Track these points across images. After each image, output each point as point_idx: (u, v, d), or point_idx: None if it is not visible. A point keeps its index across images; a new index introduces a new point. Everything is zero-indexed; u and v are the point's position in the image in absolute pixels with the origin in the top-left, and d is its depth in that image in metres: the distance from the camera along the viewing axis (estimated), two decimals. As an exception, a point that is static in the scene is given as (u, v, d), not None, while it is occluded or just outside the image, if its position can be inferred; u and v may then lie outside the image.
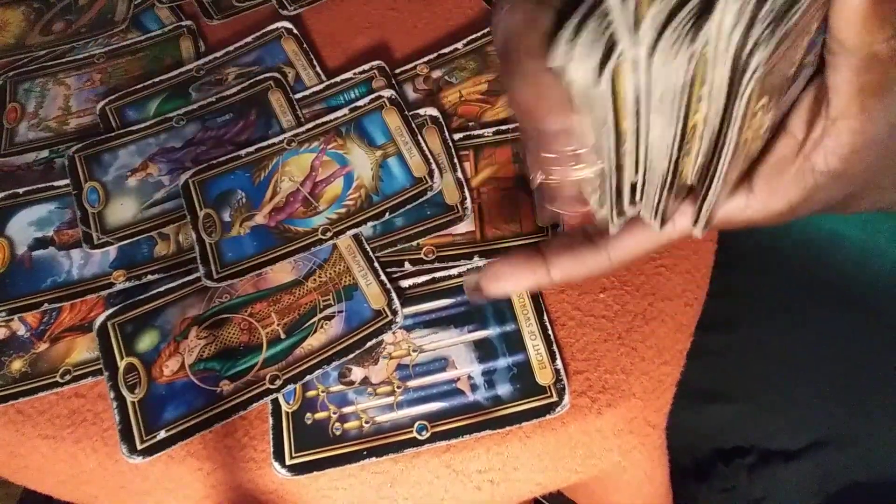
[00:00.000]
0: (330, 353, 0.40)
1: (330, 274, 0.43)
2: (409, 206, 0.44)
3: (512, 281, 0.29)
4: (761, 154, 0.26)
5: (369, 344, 0.40)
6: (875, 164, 0.24)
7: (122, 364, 0.40)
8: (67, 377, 0.41)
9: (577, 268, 0.29)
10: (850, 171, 0.24)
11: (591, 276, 0.29)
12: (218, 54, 0.53)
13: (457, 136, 0.47)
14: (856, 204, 0.27)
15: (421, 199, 0.44)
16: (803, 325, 0.48)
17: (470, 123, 0.48)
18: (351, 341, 0.40)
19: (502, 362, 0.40)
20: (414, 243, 0.44)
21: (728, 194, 0.26)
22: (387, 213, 0.44)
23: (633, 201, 0.25)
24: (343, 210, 0.44)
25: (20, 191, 0.47)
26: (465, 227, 0.44)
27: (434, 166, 0.45)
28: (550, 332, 0.40)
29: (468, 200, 0.45)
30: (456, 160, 0.46)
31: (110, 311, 0.42)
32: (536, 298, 0.41)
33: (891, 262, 0.47)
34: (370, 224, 0.44)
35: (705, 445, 0.48)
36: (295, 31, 0.54)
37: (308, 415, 0.39)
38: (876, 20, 0.21)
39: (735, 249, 0.44)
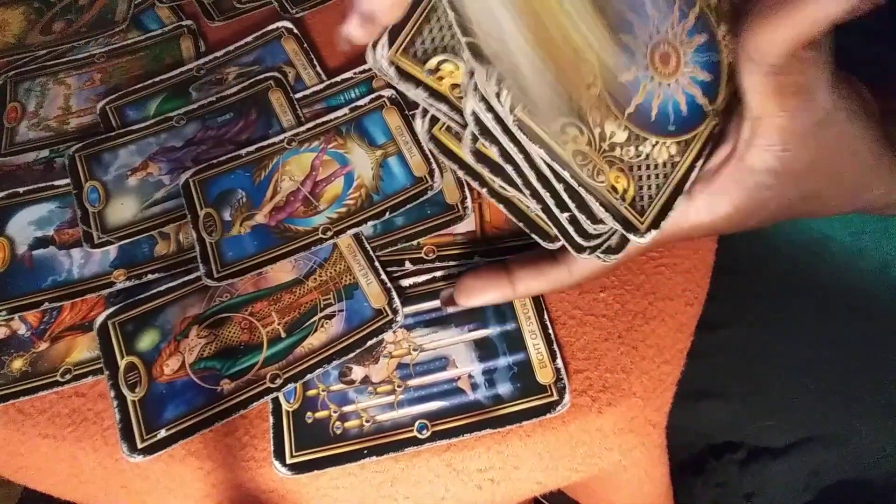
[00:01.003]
0: (330, 352, 0.40)
1: (330, 273, 0.43)
2: (409, 206, 0.44)
3: (480, 294, 0.32)
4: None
5: (370, 343, 0.40)
6: (820, 161, 0.24)
7: (122, 363, 0.40)
8: (68, 376, 0.41)
9: (539, 283, 0.31)
10: (789, 168, 0.24)
11: (553, 290, 0.33)
12: (218, 54, 0.53)
13: (457, 136, 0.47)
14: (824, 206, 0.27)
15: (421, 199, 0.44)
16: (793, 325, 0.48)
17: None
18: (351, 340, 0.40)
19: (503, 361, 0.40)
20: (414, 242, 0.44)
21: None
22: (387, 213, 0.44)
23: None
24: (343, 209, 0.44)
25: (20, 190, 0.47)
26: (466, 226, 0.44)
27: (434, 166, 0.45)
28: (551, 331, 0.40)
29: (468, 200, 0.45)
30: (456, 159, 0.46)
31: (111, 310, 0.42)
32: (537, 298, 0.41)
33: (876, 262, 0.48)
34: (370, 223, 0.44)
35: (700, 441, 0.48)
36: (295, 30, 0.54)
37: (308, 414, 0.39)
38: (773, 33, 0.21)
39: (727, 251, 0.44)
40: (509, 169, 0.25)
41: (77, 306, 0.43)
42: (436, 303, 0.42)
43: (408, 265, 0.43)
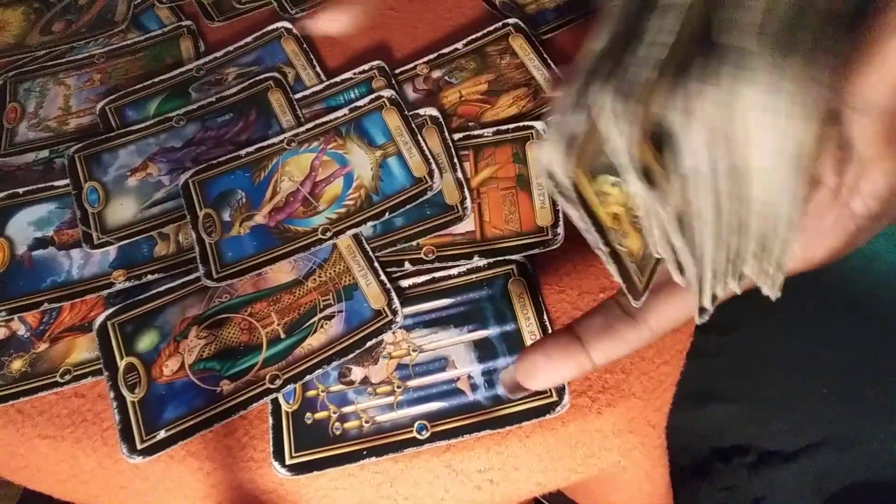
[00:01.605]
0: (330, 352, 0.40)
1: (330, 274, 0.43)
2: (408, 206, 0.44)
3: (550, 373, 0.27)
4: None
5: (369, 344, 0.40)
6: None
7: (121, 364, 0.40)
8: (67, 377, 0.41)
9: (618, 347, 0.27)
10: (891, 209, 0.23)
11: (632, 353, 0.28)
12: (218, 54, 0.53)
13: (457, 136, 0.47)
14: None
15: (421, 199, 0.44)
16: (801, 326, 0.48)
17: (470, 123, 0.48)
18: (351, 341, 0.40)
19: (502, 362, 0.40)
20: (414, 243, 0.44)
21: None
22: (387, 213, 0.44)
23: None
24: (343, 210, 0.44)
25: (20, 191, 0.47)
26: (465, 226, 0.44)
27: (434, 166, 0.45)
28: (550, 331, 0.40)
29: (468, 200, 0.45)
30: (456, 160, 0.46)
31: (110, 310, 0.42)
32: (536, 298, 0.41)
33: (888, 265, 0.47)
34: (370, 224, 0.44)
35: (704, 445, 0.48)
36: (295, 31, 0.54)
37: (308, 414, 0.39)
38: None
39: None
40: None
41: (76, 307, 0.43)
42: (435, 303, 0.42)
43: (407, 266, 0.43)
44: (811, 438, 0.45)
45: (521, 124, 0.47)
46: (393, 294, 0.41)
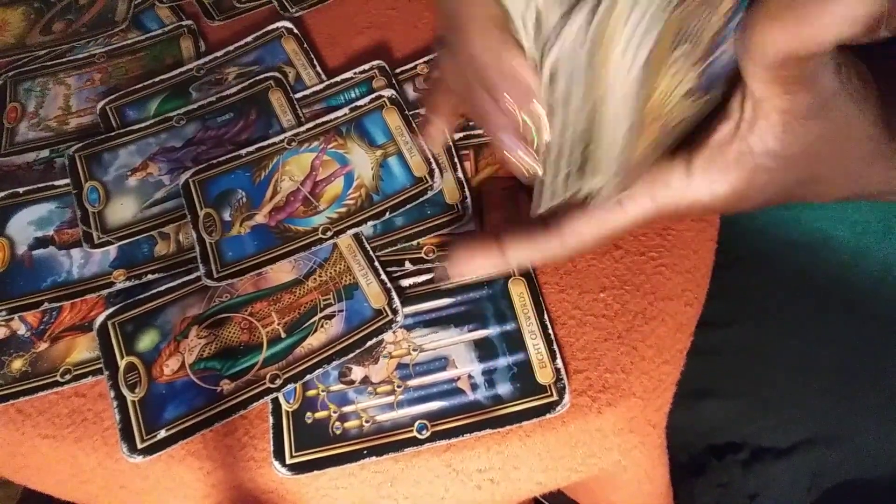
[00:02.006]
0: (330, 352, 0.40)
1: (330, 273, 0.43)
2: (409, 206, 0.44)
3: (471, 265, 0.31)
4: (700, 137, 0.26)
5: (370, 343, 0.40)
6: (819, 144, 0.24)
7: (122, 363, 0.40)
8: (68, 376, 0.41)
9: (531, 252, 0.30)
10: (788, 151, 0.24)
11: (545, 261, 0.31)
12: (218, 54, 0.53)
13: (457, 136, 0.47)
14: (822, 191, 0.27)
15: (421, 199, 0.44)
16: (795, 324, 0.48)
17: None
18: (351, 341, 0.40)
19: (502, 361, 0.40)
20: (414, 243, 0.44)
21: (657, 172, 0.27)
22: (387, 213, 0.44)
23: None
24: (343, 209, 0.44)
25: (20, 190, 0.47)
26: (466, 226, 0.44)
27: (434, 165, 0.45)
28: (551, 331, 0.40)
29: (468, 200, 0.45)
30: (456, 160, 0.46)
31: (110, 310, 0.42)
32: (537, 298, 0.41)
33: (879, 261, 0.48)
34: (370, 223, 0.44)
35: (700, 442, 0.48)
36: (295, 30, 0.54)
37: (308, 414, 0.39)
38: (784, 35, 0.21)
39: (728, 250, 0.44)
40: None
41: (77, 306, 0.43)
42: (436, 303, 0.42)
43: (408, 265, 0.43)
44: (805, 435, 0.45)
45: (521, 124, 0.47)
46: (393, 293, 0.41)
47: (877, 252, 0.47)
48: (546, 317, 0.41)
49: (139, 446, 0.38)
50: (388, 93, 0.49)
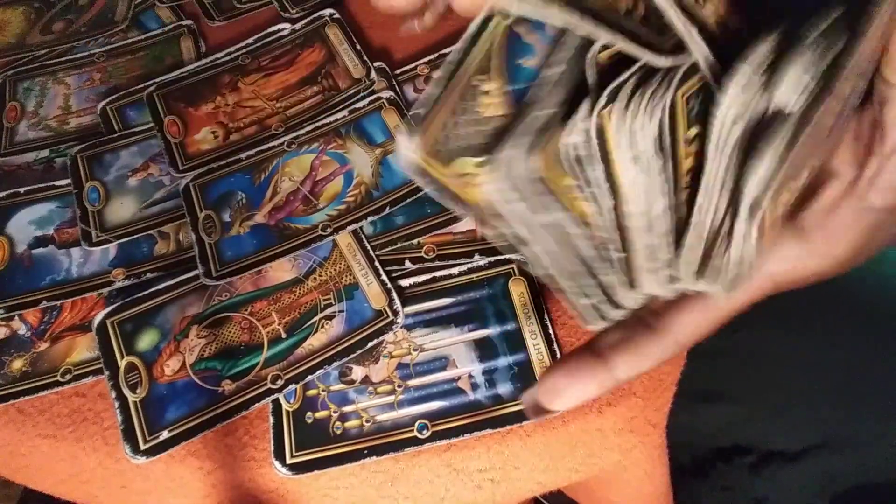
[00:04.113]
0: (331, 353, 0.40)
1: (330, 273, 0.43)
2: (409, 200, 0.44)
3: (574, 392, 0.26)
4: (806, 200, 0.25)
5: (370, 344, 0.40)
6: None
7: (122, 363, 0.40)
8: (68, 376, 0.41)
9: (642, 362, 0.26)
10: None
11: (658, 365, 0.26)
12: (219, 55, 0.53)
13: (457, 136, 0.47)
14: None
15: (421, 193, 0.44)
16: (804, 327, 0.48)
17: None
18: (352, 341, 0.40)
19: (503, 361, 0.40)
20: (414, 241, 0.44)
21: (778, 245, 0.25)
22: (387, 208, 0.44)
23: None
24: (343, 206, 0.44)
25: (21, 190, 0.47)
26: (466, 225, 0.44)
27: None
28: (551, 331, 0.40)
29: (468, 200, 0.45)
30: (456, 160, 0.46)
31: (109, 309, 0.42)
32: (537, 297, 0.41)
33: (891, 265, 0.47)
34: (370, 219, 0.44)
35: (705, 444, 0.48)
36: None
37: (309, 414, 0.39)
38: None
39: None
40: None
41: (77, 306, 0.43)
42: (436, 303, 0.42)
43: (408, 264, 0.43)
44: (814, 439, 0.44)
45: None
46: (394, 294, 0.41)
47: (891, 254, 0.47)
48: (546, 317, 0.41)
49: (142, 447, 0.38)
50: (386, 94, 0.49)
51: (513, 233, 0.22)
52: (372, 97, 0.49)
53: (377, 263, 0.43)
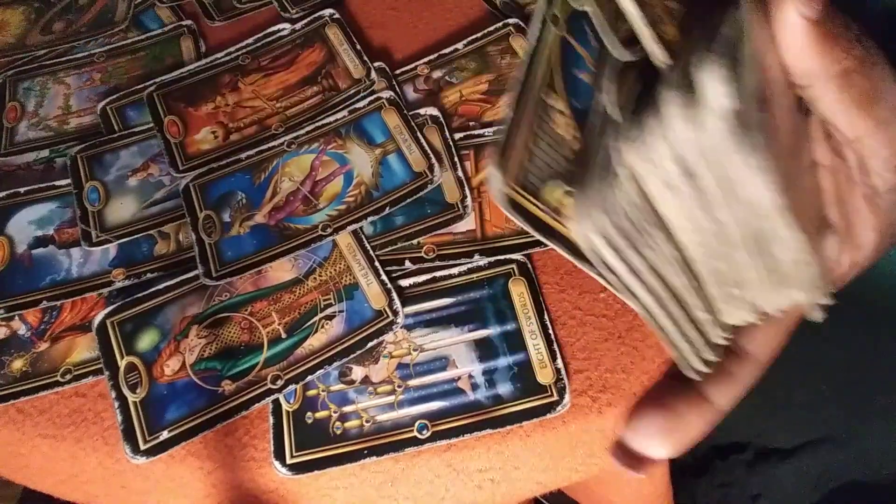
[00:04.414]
0: (331, 353, 0.40)
1: (330, 273, 0.43)
2: (409, 200, 0.44)
3: (678, 435, 0.24)
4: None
5: (370, 344, 0.40)
6: None
7: (122, 363, 0.40)
8: (68, 376, 0.41)
9: (738, 388, 0.26)
10: None
11: (748, 390, 0.26)
12: (219, 55, 0.53)
13: (457, 136, 0.47)
14: None
15: (421, 193, 0.44)
16: (802, 323, 0.48)
17: (471, 123, 0.48)
18: (352, 342, 0.40)
19: (503, 361, 0.40)
20: (414, 242, 0.44)
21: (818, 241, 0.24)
22: (387, 208, 0.44)
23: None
24: (343, 206, 0.44)
25: (21, 190, 0.47)
26: (466, 225, 0.44)
27: (434, 160, 0.45)
28: (551, 331, 0.40)
29: (468, 199, 0.45)
30: (457, 159, 0.46)
31: (109, 308, 0.42)
32: (537, 297, 0.41)
33: (892, 262, 0.47)
34: (370, 219, 0.44)
35: (703, 442, 0.48)
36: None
37: (309, 414, 0.39)
38: (824, 40, 0.20)
39: None
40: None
41: (77, 306, 0.43)
42: (436, 303, 0.42)
43: (408, 264, 0.43)
44: (810, 436, 0.45)
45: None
46: (394, 294, 0.41)
47: (891, 252, 0.47)
48: (546, 317, 0.41)
49: (142, 447, 0.38)
50: (386, 94, 0.49)
51: (615, 278, 0.21)
52: (372, 97, 0.49)
53: (377, 263, 0.43)
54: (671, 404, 0.24)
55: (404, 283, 0.43)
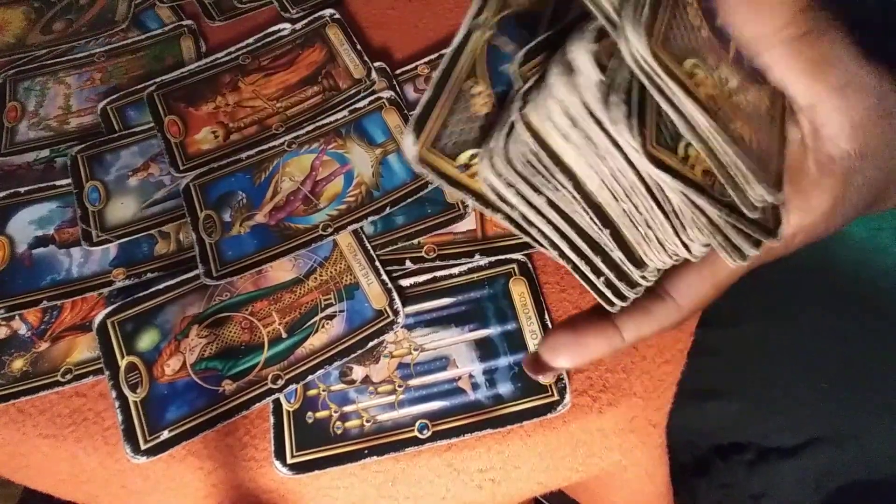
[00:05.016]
0: (332, 352, 0.40)
1: (331, 272, 0.43)
2: (409, 200, 0.44)
3: (579, 350, 0.26)
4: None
5: (371, 344, 0.40)
6: (892, 141, 0.23)
7: (122, 363, 0.40)
8: (68, 376, 0.41)
9: (649, 325, 0.26)
10: (867, 144, 0.23)
11: (663, 331, 0.27)
12: (219, 55, 0.53)
13: (457, 136, 0.47)
14: None
15: (422, 193, 0.44)
16: (803, 322, 0.48)
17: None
18: (352, 341, 0.40)
19: (503, 361, 0.40)
20: (414, 241, 0.44)
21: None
22: (388, 208, 0.44)
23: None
24: (343, 206, 0.44)
25: (21, 190, 0.47)
26: (466, 225, 0.44)
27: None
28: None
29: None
30: (457, 160, 0.46)
31: (109, 308, 0.42)
32: (537, 297, 0.41)
33: (893, 259, 0.47)
34: (371, 219, 0.44)
35: (704, 442, 0.48)
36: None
37: (309, 414, 0.39)
38: (769, 7, 0.20)
39: None
40: (538, 222, 0.24)
41: (77, 306, 0.43)
42: (436, 302, 0.42)
43: (408, 264, 0.43)
44: (811, 435, 0.45)
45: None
46: (394, 294, 0.41)
47: (890, 249, 0.47)
48: (547, 316, 0.41)
49: (142, 447, 0.38)
50: (386, 94, 0.49)
51: (520, 214, 0.24)
52: (372, 97, 0.49)
53: (377, 263, 0.43)
54: (581, 326, 0.26)
55: (405, 282, 0.43)
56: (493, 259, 0.43)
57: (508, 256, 0.43)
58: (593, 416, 0.38)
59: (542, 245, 0.25)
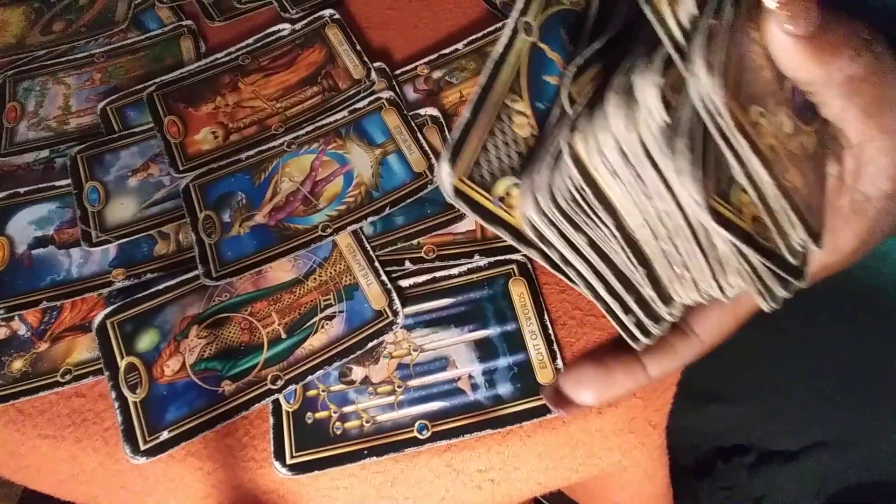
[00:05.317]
0: (331, 353, 0.40)
1: (330, 273, 0.43)
2: (409, 201, 0.44)
3: (605, 385, 0.26)
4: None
5: (371, 345, 0.40)
6: None
7: (122, 364, 0.40)
8: (68, 377, 0.41)
9: (672, 361, 0.27)
10: None
11: (685, 364, 0.27)
12: (219, 55, 0.53)
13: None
14: None
15: (421, 193, 0.44)
16: (806, 326, 0.48)
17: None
18: (352, 342, 0.40)
19: (503, 362, 0.40)
20: (414, 242, 0.44)
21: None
22: (387, 209, 0.44)
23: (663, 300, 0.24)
24: (343, 207, 0.44)
25: (21, 190, 0.47)
26: (466, 225, 0.44)
27: (434, 161, 0.45)
28: (551, 331, 0.40)
29: (469, 200, 0.44)
30: (456, 160, 0.46)
31: (109, 309, 0.42)
32: (537, 298, 0.41)
33: (891, 263, 0.47)
34: (370, 220, 0.44)
35: (706, 444, 0.48)
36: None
37: (309, 414, 0.39)
38: (823, 51, 0.20)
39: None
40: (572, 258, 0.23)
41: (77, 306, 0.43)
42: (436, 303, 0.42)
43: (408, 265, 0.43)
44: (813, 438, 0.44)
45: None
46: (394, 294, 0.41)
47: (893, 254, 0.47)
48: (546, 317, 0.41)
49: (142, 448, 0.38)
50: (386, 94, 0.49)
51: (559, 254, 0.23)
52: (372, 97, 0.49)
53: (377, 264, 0.43)
54: (607, 361, 0.27)
55: (404, 283, 0.43)
56: (492, 259, 0.43)
57: (508, 257, 0.43)
58: (593, 417, 0.38)
59: (574, 283, 0.24)
